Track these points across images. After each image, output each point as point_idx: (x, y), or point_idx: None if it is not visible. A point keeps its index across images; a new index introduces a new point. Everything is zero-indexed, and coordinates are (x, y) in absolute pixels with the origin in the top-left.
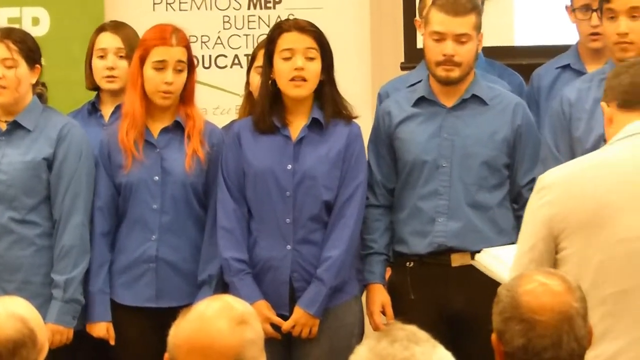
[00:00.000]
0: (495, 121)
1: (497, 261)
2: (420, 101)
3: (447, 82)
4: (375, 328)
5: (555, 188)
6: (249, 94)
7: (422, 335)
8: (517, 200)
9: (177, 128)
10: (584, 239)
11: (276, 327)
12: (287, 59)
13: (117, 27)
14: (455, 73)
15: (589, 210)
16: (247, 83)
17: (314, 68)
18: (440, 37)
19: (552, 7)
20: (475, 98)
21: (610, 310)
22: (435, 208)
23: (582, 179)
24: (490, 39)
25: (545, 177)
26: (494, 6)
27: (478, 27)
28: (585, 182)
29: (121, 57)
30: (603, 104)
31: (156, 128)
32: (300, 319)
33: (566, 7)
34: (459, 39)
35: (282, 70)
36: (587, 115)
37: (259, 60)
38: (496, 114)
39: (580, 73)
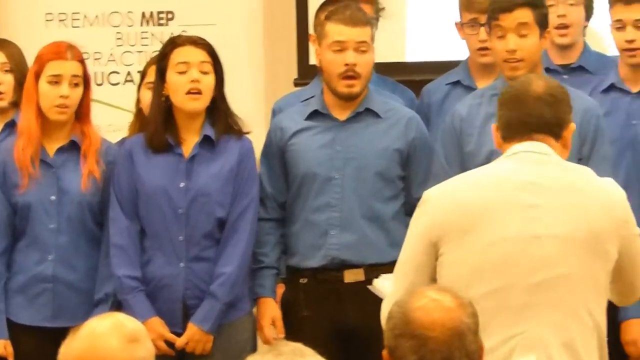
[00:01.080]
0: (389, 134)
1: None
2: (314, 115)
3: (348, 97)
4: (266, 342)
5: (433, 199)
6: (139, 111)
7: (308, 351)
8: (411, 213)
9: (73, 147)
10: (460, 244)
11: (170, 344)
12: (182, 72)
13: (1, 43)
14: (357, 88)
15: (465, 216)
16: (138, 100)
17: (209, 81)
18: (341, 47)
19: (442, 24)
20: (369, 111)
21: (484, 308)
22: (328, 220)
23: (460, 189)
24: (382, 55)
25: (427, 192)
26: (385, 23)
27: (373, 41)
28: (463, 192)
29: (6, 71)
30: (494, 126)
31: (52, 147)
32: (194, 336)
33: (456, 24)
34: (360, 47)
35: (178, 83)
36: (478, 131)
37: (150, 77)
38: (390, 127)
39: (470, 89)
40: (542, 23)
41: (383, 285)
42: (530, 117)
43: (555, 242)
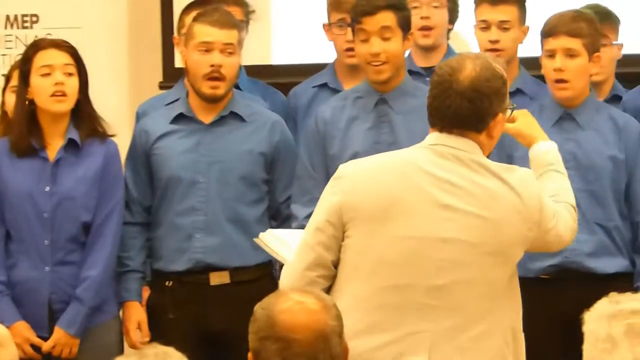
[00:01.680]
0: (254, 137)
1: (280, 243)
2: (179, 118)
3: (212, 99)
4: (132, 346)
5: (350, 177)
6: (4, 115)
7: (174, 353)
8: (276, 217)
9: None
10: (369, 230)
11: (36, 348)
12: (45, 75)
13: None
14: (221, 90)
15: (378, 204)
16: (2, 103)
17: (73, 84)
18: (207, 48)
19: (308, 26)
20: (233, 115)
21: (382, 303)
22: (193, 224)
23: (377, 173)
24: (248, 58)
25: (342, 167)
26: (251, 25)
27: (240, 44)
28: (379, 177)
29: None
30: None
31: None
32: (60, 339)
33: (324, 25)
34: (226, 49)
35: (42, 86)
36: (341, 134)
37: (14, 80)
38: (254, 131)
39: (336, 91)
40: (405, 26)
41: (269, 240)
42: (448, 111)
43: (462, 246)
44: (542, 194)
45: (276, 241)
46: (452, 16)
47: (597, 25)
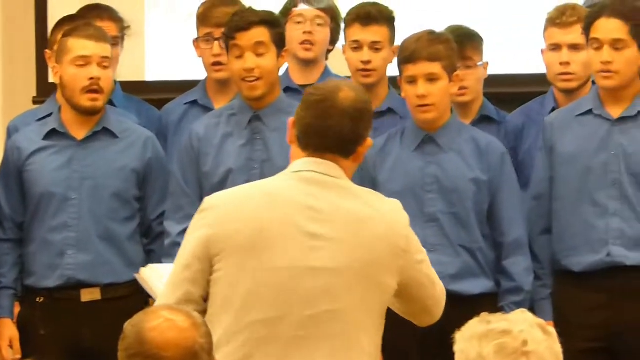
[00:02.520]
0: (126, 154)
1: (158, 278)
2: (51, 134)
3: (92, 111)
4: None
5: (216, 210)
6: None
7: None
8: (148, 234)
9: None
10: (239, 263)
11: None
12: None
13: None
14: (100, 102)
15: (246, 236)
16: None
17: None
18: (84, 62)
19: (183, 42)
20: (106, 131)
21: (252, 337)
22: (64, 240)
23: (243, 204)
24: (123, 74)
25: (208, 199)
26: (126, 41)
27: (115, 59)
28: (247, 207)
29: None
30: (291, 120)
31: None
32: None
33: (193, 41)
34: (103, 62)
35: None
36: (215, 150)
37: None
38: (127, 147)
39: (207, 109)
40: (279, 42)
41: (149, 276)
42: (330, 131)
43: (332, 274)
44: (408, 226)
45: (156, 276)
46: (333, 37)
47: (453, 45)
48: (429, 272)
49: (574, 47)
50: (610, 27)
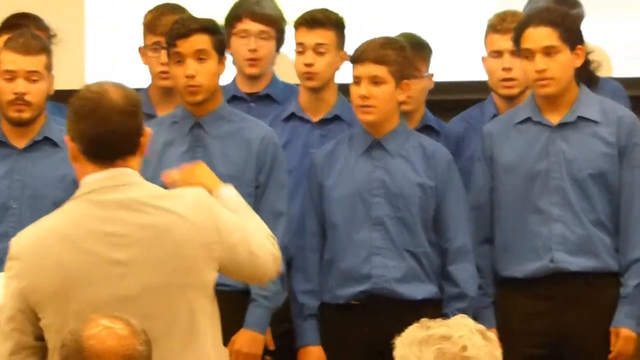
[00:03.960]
0: (67, 163)
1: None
2: None
3: (19, 123)
4: None
5: (21, 261)
6: None
7: None
8: None
9: None
10: (59, 310)
11: None
12: None
13: None
14: (26, 114)
15: (57, 284)
16: None
17: None
18: (11, 76)
19: (123, 50)
20: (47, 140)
21: None
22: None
23: (45, 254)
24: (62, 82)
25: (13, 245)
26: (63, 50)
27: (49, 68)
28: (48, 257)
29: None
30: (67, 138)
31: None
32: None
33: (139, 49)
34: (30, 76)
35: None
36: (157, 158)
37: None
38: (66, 156)
39: (149, 116)
40: (220, 49)
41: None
42: (115, 135)
43: (150, 296)
44: (216, 211)
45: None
46: (278, 45)
47: (407, 53)
48: (248, 247)
49: (514, 54)
50: (539, 35)
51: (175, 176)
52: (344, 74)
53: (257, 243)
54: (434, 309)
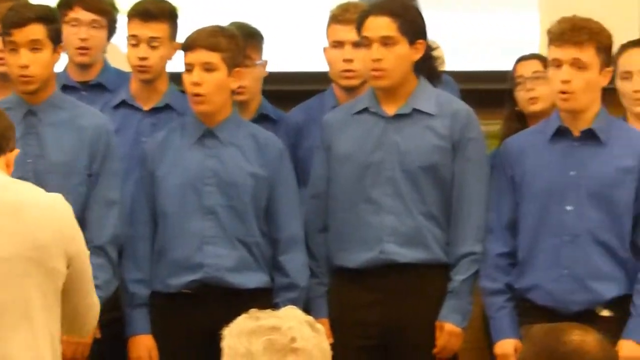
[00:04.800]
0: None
1: None
2: None
3: None
4: None
5: None
6: None
7: None
8: None
9: None
10: None
11: None
12: None
13: None
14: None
15: None
16: None
17: None
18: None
19: None
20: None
21: None
22: None
23: None
24: None
25: None
26: None
27: None
28: None
29: None
30: None
31: None
32: None
33: None
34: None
35: None
36: None
37: None
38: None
39: None
40: (55, 38)
41: None
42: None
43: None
44: (74, 221)
45: None
46: (110, 34)
47: (239, 41)
48: (91, 282)
49: (357, 45)
50: (379, 25)
51: None
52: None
53: (94, 301)
54: (266, 298)
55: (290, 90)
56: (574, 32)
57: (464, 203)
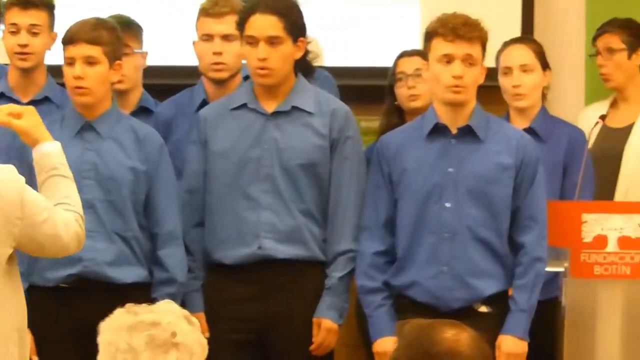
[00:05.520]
0: None
1: None
2: None
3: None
4: None
5: None
6: None
7: None
8: None
9: None
10: None
11: None
12: None
13: None
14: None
15: None
16: None
17: None
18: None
19: None
20: None
21: None
22: None
23: None
24: None
25: None
26: None
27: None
28: None
29: None
30: None
31: None
32: None
33: None
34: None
35: None
36: None
37: None
38: None
39: None
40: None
41: None
42: None
43: None
44: (24, 188)
45: None
46: None
47: (119, 34)
48: (53, 228)
49: (226, 38)
50: (265, 24)
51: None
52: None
53: (63, 224)
54: (144, 293)
55: (160, 85)
56: (466, 28)
57: (340, 201)
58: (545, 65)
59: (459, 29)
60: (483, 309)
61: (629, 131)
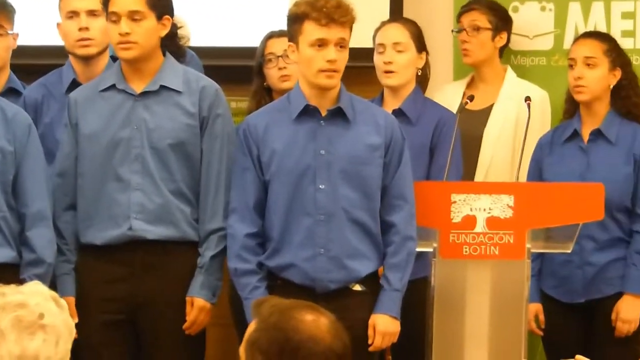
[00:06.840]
0: None
1: None
2: None
3: None
4: None
5: None
6: None
7: None
8: None
9: None
10: None
11: None
12: None
13: None
14: None
15: None
16: None
17: None
18: None
19: None
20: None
21: None
22: None
23: None
24: None
25: None
26: None
27: None
28: None
29: None
30: None
31: None
32: None
33: None
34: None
35: None
36: None
37: None
38: None
39: None
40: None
41: None
42: None
43: None
44: None
45: None
46: None
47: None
48: None
49: (92, 13)
50: (125, 1)
51: None
52: None
53: None
54: (13, 274)
55: (26, 65)
56: (340, 11)
57: (211, 180)
58: (421, 48)
59: (333, 12)
60: (357, 287)
61: (489, 113)
